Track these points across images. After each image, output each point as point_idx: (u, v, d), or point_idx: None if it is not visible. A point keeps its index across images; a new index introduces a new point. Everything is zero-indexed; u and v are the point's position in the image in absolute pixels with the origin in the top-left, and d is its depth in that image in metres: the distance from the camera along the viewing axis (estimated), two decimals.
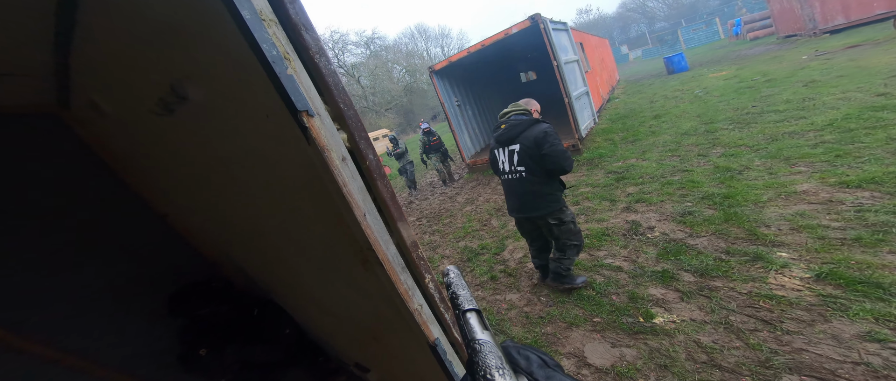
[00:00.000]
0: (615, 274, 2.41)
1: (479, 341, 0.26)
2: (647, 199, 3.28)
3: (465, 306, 0.30)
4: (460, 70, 7.23)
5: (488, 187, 5.68)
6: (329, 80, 0.45)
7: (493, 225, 4.08)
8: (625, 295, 2.19)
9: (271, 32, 0.42)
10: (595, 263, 2.61)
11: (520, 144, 2.02)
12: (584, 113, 6.02)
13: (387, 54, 35.06)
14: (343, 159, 0.46)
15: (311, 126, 0.41)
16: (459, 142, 7.03)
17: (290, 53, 0.44)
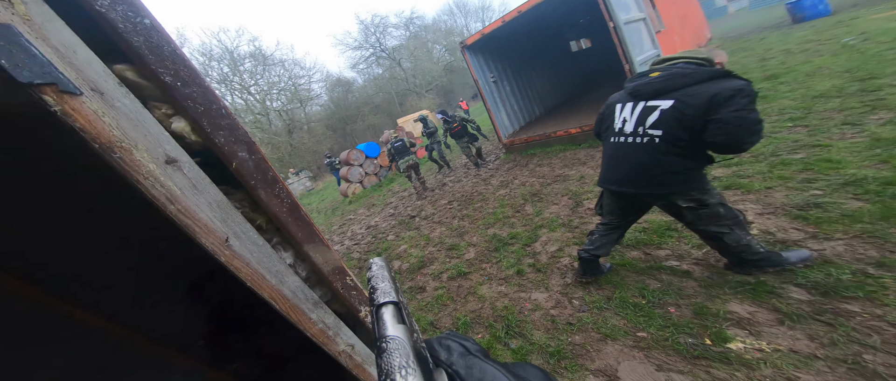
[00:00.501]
0: (679, 281, 1.92)
1: (386, 337, 0.23)
2: (743, 185, 2.50)
3: (379, 300, 0.27)
4: (496, 43, 6.56)
5: (526, 170, 5.21)
6: (138, 38, 0.28)
7: (526, 212, 3.72)
8: (689, 308, 1.73)
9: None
10: (651, 264, 2.12)
11: (674, 101, 1.47)
12: None
13: (426, 34, 34.31)
14: (170, 161, 0.30)
15: (71, 109, 0.25)
16: (495, 121, 6.54)
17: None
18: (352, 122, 27.00)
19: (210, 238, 0.32)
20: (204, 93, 0.32)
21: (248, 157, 0.35)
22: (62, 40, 0.26)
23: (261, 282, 0.36)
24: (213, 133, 0.32)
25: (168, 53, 0.30)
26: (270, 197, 0.37)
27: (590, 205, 3.21)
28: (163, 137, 0.30)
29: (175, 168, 0.30)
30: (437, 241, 3.97)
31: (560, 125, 5.97)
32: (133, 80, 0.29)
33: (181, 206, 0.30)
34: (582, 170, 4.20)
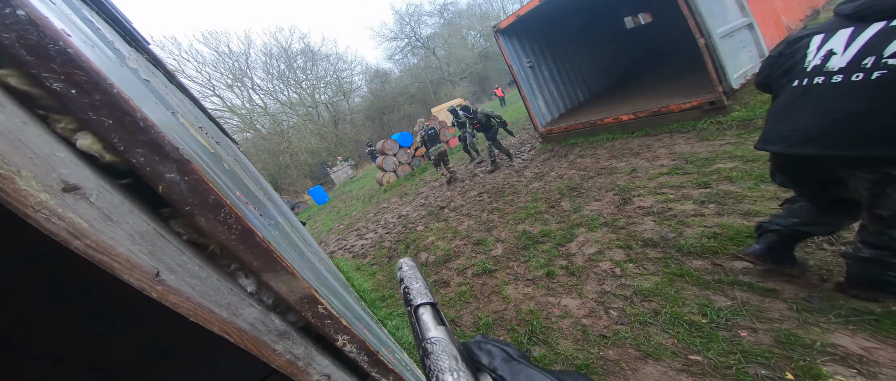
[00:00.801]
0: (761, 300, 1.56)
1: (430, 339, 0.24)
2: None
3: (417, 301, 0.28)
4: (533, 25, 6.00)
5: (564, 161, 4.78)
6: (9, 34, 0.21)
7: (562, 208, 3.41)
8: (769, 334, 1.40)
9: None
10: (721, 278, 1.76)
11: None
12: (739, 55, 4.06)
13: (460, 20, 33.25)
14: (69, 189, 0.24)
15: None
16: (531, 109, 6.08)
17: None
18: (388, 112, 27.85)
19: (135, 274, 0.27)
20: (111, 102, 0.26)
21: (179, 178, 0.29)
22: None
23: (208, 316, 0.32)
24: (128, 151, 0.27)
25: (56, 53, 0.24)
26: (213, 224, 0.31)
27: (641, 203, 2.79)
28: (57, 160, 0.25)
29: (78, 196, 0.25)
30: (464, 234, 3.89)
31: (609, 112, 5.31)
32: (20, 88, 0.24)
33: (91, 241, 0.25)
34: (634, 162, 3.67)
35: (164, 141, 0.29)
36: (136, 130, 0.28)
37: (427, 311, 0.27)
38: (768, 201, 2.13)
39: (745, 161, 2.69)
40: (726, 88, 3.73)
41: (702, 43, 3.67)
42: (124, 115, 0.27)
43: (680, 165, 3.12)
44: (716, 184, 2.57)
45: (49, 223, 0.23)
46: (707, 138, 3.43)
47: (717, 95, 3.71)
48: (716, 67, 3.69)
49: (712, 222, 2.18)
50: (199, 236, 0.32)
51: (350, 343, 0.43)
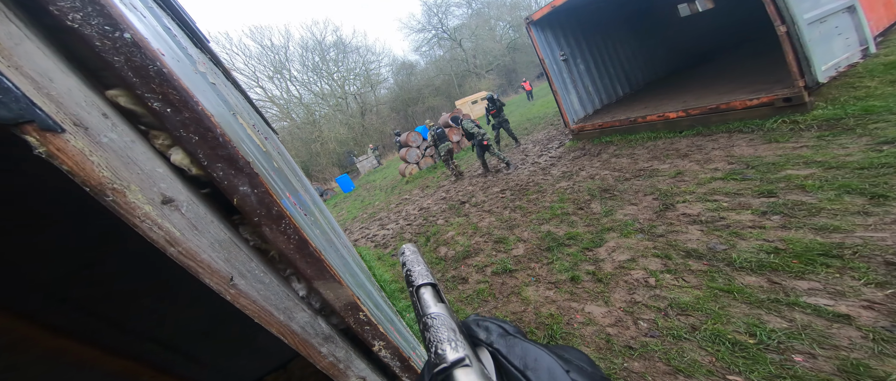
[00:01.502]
0: (827, 326, 1.39)
1: (430, 314, 0.26)
2: None
3: (418, 282, 0.30)
4: (570, 15, 5.65)
5: (597, 160, 4.52)
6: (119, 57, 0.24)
7: (592, 210, 3.24)
8: (830, 362, 1.25)
9: None
10: (778, 297, 1.59)
11: None
12: (832, 44, 3.50)
13: (489, 11, 32.17)
14: (167, 202, 0.27)
15: (56, 150, 0.21)
16: (563, 104, 5.79)
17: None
18: (413, 104, 28.07)
19: (213, 278, 0.30)
20: (198, 119, 0.28)
21: (250, 191, 0.31)
22: (36, 67, 0.24)
23: (268, 318, 0.34)
24: (210, 166, 0.29)
25: (154, 73, 0.26)
26: (276, 234, 0.33)
27: (687, 210, 2.55)
28: (156, 175, 0.28)
29: (172, 208, 0.28)
30: (484, 231, 3.86)
31: (652, 108, 4.89)
32: (127, 107, 0.27)
33: (182, 248, 0.28)
34: (680, 164, 3.35)
35: (238, 155, 0.31)
36: (216, 146, 0.30)
37: (427, 290, 0.28)
38: (852, 216, 1.84)
39: (825, 168, 2.33)
40: (809, 82, 3.24)
41: (783, 31, 3.17)
42: (207, 131, 0.30)
43: (739, 170, 2.80)
44: (784, 193, 2.27)
45: (151, 232, 0.26)
46: (776, 140, 3.03)
47: (796, 91, 3.23)
48: (798, 59, 3.21)
49: (775, 235, 1.94)
50: (262, 243, 0.35)
51: (385, 349, 0.45)
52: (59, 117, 0.23)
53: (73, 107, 0.24)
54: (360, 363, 0.44)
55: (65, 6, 0.24)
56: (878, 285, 1.44)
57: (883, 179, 2.00)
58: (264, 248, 0.35)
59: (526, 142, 7.57)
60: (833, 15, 3.47)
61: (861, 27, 3.75)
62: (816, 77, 3.21)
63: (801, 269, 1.66)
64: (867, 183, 2.02)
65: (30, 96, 0.22)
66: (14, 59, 0.23)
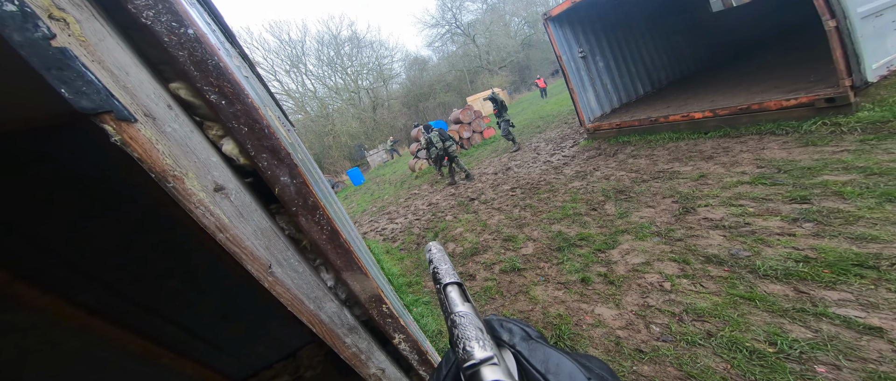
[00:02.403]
0: (857, 338, 1.33)
1: (458, 313, 0.26)
2: None
3: (445, 280, 0.31)
4: (589, 11, 5.46)
5: (612, 161, 4.41)
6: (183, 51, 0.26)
7: (606, 212, 3.17)
8: (856, 373, 1.21)
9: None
10: (804, 307, 1.52)
11: None
12: (886, 39, 3.22)
13: (504, 6, 31.55)
14: (219, 189, 0.29)
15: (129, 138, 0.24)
16: (579, 102, 5.66)
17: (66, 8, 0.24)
18: (425, 99, 28.04)
19: (255, 265, 0.32)
20: (247, 111, 0.30)
21: (290, 181, 0.33)
22: (115, 61, 0.26)
23: (300, 307, 0.36)
24: (256, 156, 0.31)
25: (212, 68, 0.28)
26: (310, 223, 0.35)
27: (709, 214, 2.46)
28: (211, 163, 0.30)
29: (223, 196, 0.30)
30: (494, 228, 3.85)
31: (676, 108, 4.70)
32: (186, 99, 0.29)
33: (229, 234, 0.30)
34: (703, 166, 3.22)
35: (281, 146, 0.33)
36: (262, 137, 0.32)
37: (454, 289, 0.29)
38: (893, 226, 1.74)
39: (867, 174, 2.19)
40: (857, 81, 3.02)
41: (832, 25, 2.93)
42: (255, 123, 0.31)
43: (769, 174, 2.66)
44: (818, 200, 2.15)
45: (204, 218, 0.28)
46: (813, 143, 2.85)
47: (841, 91, 3.01)
48: (847, 56, 2.97)
49: (805, 243, 1.85)
50: (296, 232, 0.37)
51: (405, 342, 0.46)
52: (132, 108, 0.25)
53: (144, 98, 0.26)
54: (379, 355, 0.46)
55: (140, 4, 0.26)
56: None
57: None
58: (298, 237, 0.37)
59: (538, 140, 7.44)
60: (891, 7, 3.16)
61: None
62: (866, 76, 2.97)
63: (833, 279, 1.58)
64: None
65: (109, 88, 0.24)
66: (97, 54, 0.25)
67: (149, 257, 1.73)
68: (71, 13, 0.25)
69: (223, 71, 0.29)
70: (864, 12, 2.95)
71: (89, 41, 0.25)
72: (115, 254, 1.64)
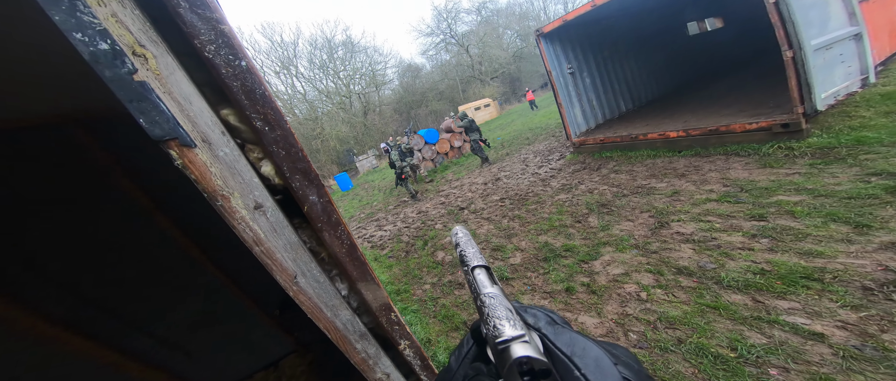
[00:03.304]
0: (802, 343, 1.48)
1: (487, 294, 0.27)
2: None
3: (472, 263, 0.31)
4: (579, 29, 5.79)
5: (596, 175, 4.61)
6: (235, 82, 0.29)
7: (589, 224, 3.31)
8: (802, 375, 1.35)
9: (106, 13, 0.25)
10: (761, 315, 1.68)
11: None
12: (834, 71, 3.56)
13: (498, 19, 32.72)
14: (258, 207, 0.32)
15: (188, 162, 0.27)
16: (566, 117, 5.91)
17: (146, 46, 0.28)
18: (416, 106, 28.23)
19: (283, 275, 0.35)
20: (286, 136, 0.34)
21: (318, 200, 0.36)
22: (182, 92, 0.30)
23: (319, 314, 0.39)
24: (291, 177, 0.35)
25: (259, 96, 0.32)
26: (333, 238, 0.38)
27: (681, 228, 2.64)
28: (253, 184, 0.33)
29: (260, 213, 0.33)
30: (482, 238, 3.91)
31: (654, 126, 5.01)
32: (234, 124, 0.32)
33: (264, 248, 0.33)
34: (677, 183, 3.45)
35: (311, 168, 0.36)
36: (297, 160, 0.36)
37: (482, 272, 0.30)
38: (836, 243, 1.95)
39: (815, 196, 2.43)
40: (808, 109, 3.32)
41: (789, 55, 3.23)
42: (291, 147, 0.35)
43: (733, 193, 2.89)
44: (774, 218, 2.36)
45: (244, 233, 0.32)
46: (770, 165, 3.13)
47: (795, 117, 3.31)
48: (800, 84, 3.27)
49: (762, 257, 2.03)
50: (317, 246, 0.40)
51: (409, 348, 0.50)
52: (193, 135, 0.28)
53: (203, 125, 0.30)
54: (386, 361, 0.49)
55: (205, 39, 0.30)
56: (853, 307, 1.54)
57: (868, 209, 2.10)
58: (317, 250, 0.40)
59: (527, 152, 7.67)
60: (839, 42, 3.50)
61: (864, 55, 3.77)
62: (816, 105, 3.27)
63: (784, 290, 1.75)
64: (853, 213, 2.12)
65: (176, 117, 0.27)
66: (168, 86, 0.29)
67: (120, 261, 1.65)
68: (149, 49, 0.28)
69: (268, 99, 0.33)
70: (817, 45, 3.25)
71: (162, 74, 0.28)
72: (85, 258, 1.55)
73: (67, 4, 0.24)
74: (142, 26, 0.30)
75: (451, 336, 2.49)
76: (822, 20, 3.39)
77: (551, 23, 5.34)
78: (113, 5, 0.28)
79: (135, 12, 0.29)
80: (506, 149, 8.93)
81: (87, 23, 0.25)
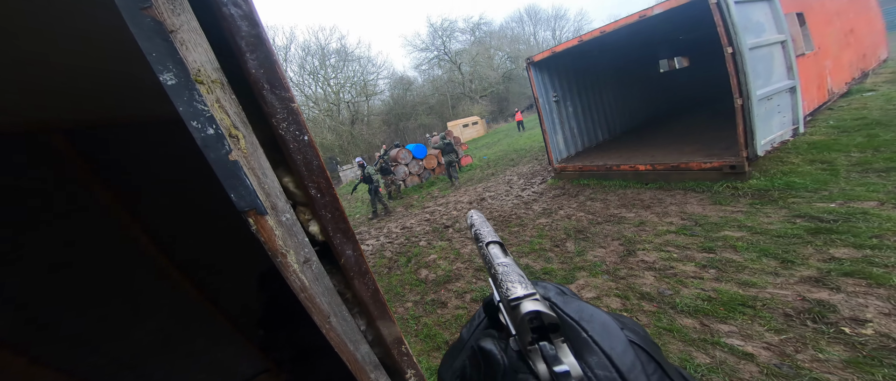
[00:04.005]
0: (737, 362, 1.70)
1: (501, 263, 0.29)
2: (874, 275, 1.99)
3: (487, 240, 0.34)
4: (566, 60, 6.29)
5: (574, 201, 4.89)
6: (299, 155, 0.37)
7: (567, 249, 3.50)
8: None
9: (212, 100, 0.30)
10: (707, 337, 1.90)
11: None
12: (772, 121, 4.04)
13: (490, 40, 34.51)
14: (306, 261, 0.39)
15: (261, 227, 0.34)
16: (549, 143, 6.28)
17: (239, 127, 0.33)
18: (406, 119, 28.50)
19: (319, 316, 0.41)
20: (333, 201, 0.41)
21: (352, 254, 0.43)
22: (260, 165, 0.36)
23: (343, 348, 0.45)
24: (333, 235, 0.42)
25: (315, 168, 0.39)
26: (361, 285, 0.45)
27: (645, 257, 2.90)
28: (304, 242, 0.40)
29: (307, 266, 0.40)
30: (466, 257, 3.99)
31: (626, 158, 5.44)
32: (292, 190, 0.39)
33: (307, 294, 0.39)
34: (643, 215, 3.77)
35: (349, 227, 0.44)
36: (339, 221, 0.43)
37: (496, 246, 0.33)
38: (766, 275, 2.26)
39: (752, 233, 2.79)
40: (751, 153, 3.74)
41: (739, 104, 3.58)
42: (336, 209, 0.42)
43: (689, 226, 3.21)
44: (720, 250, 2.67)
45: (294, 283, 0.38)
46: (720, 202, 3.51)
47: (740, 160, 3.72)
48: (746, 131, 3.64)
49: (710, 286, 2.29)
50: (344, 289, 0.46)
51: (415, 377, 0.56)
52: (267, 204, 0.35)
53: (273, 195, 0.36)
54: None
55: (279, 117, 0.37)
56: (777, 331, 1.81)
57: (793, 247, 2.45)
58: (343, 291, 0.47)
59: (511, 173, 7.97)
60: (778, 94, 4.02)
61: (797, 107, 4.28)
62: (757, 150, 3.72)
63: (725, 315, 2.00)
64: (780, 249, 2.46)
65: (256, 190, 0.34)
66: (251, 163, 0.35)
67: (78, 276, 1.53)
68: (241, 130, 0.34)
69: (322, 170, 0.41)
70: (761, 95, 3.71)
71: (247, 152, 0.34)
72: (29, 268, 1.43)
73: (187, 95, 0.30)
74: (237, 110, 0.35)
75: (432, 356, 2.49)
76: (767, 73, 3.89)
77: (542, 53, 5.77)
78: (217, 92, 0.33)
79: (232, 97, 0.34)
80: (491, 168, 9.22)
81: (199, 111, 0.31)
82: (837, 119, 4.94)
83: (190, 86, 0.31)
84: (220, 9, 0.31)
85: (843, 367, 1.51)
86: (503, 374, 0.24)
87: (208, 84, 0.33)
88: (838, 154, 3.73)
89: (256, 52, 0.34)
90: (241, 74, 0.35)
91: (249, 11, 0.32)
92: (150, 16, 0.28)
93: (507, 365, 0.24)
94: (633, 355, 0.22)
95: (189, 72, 0.31)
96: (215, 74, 0.34)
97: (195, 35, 0.31)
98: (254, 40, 0.33)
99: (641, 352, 0.23)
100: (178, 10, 0.30)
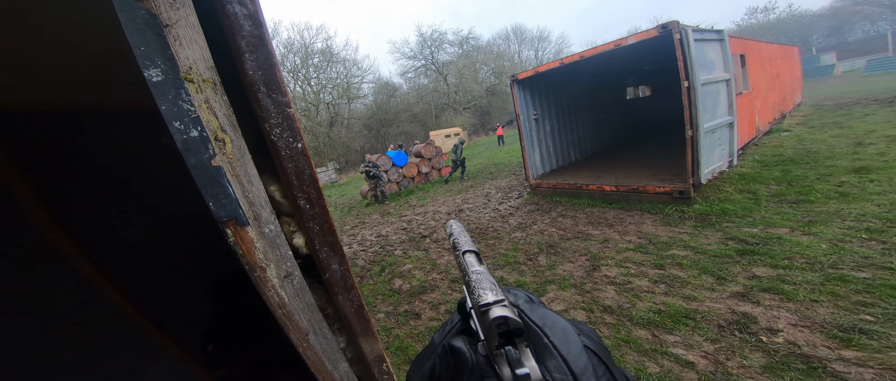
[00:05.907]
0: (680, 370, 1.87)
1: (475, 271, 0.30)
2: (785, 291, 2.33)
3: (463, 248, 0.35)
4: (547, 80, 6.68)
5: (547, 217, 5.10)
6: (290, 163, 0.34)
7: (539, 263, 3.62)
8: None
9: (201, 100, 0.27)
10: (657, 347, 2.06)
11: None
12: (715, 152, 4.52)
13: (477, 54, 35.76)
14: (287, 276, 0.37)
15: (240, 239, 0.31)
16: (527, 159, 6.55)
17: (227, 130, 0.30)
18: (388, 125, 28.22)
19: (297, 334, 0.38)
20: (322, 213, 0.39)
21: (338, 269, 0.41)
22: (245, 172, 0.33)
23: (321, 368, 0.42)
24: (319, 249, 0.39)
25: (307, 177, 0.37)
26: (345, 300, 0.43)
27: (608, 272, 3.09)
28: (286, 256, 0.37)
29: (288, 281, 0.37)
30: (442, 268, 3.96)
31: (594, 178, 5.83)
32: (278, 199, 0.37)
33: (286, 311, 0.36)
34: (607, 232, 4.04)
35: (337, 240, 0.42)
36: (327, 234, 0.41)
37: (471, 255, 0.34)
38: (705, 290, 2.53)
39: (695, 252, 3.12)
40: (696, 181, 4.20)
41: (689, 135, 3.99)
42: (325, 222, 0.40)
43: (644, 245, 3.51)
44: (669, 267, 2.94)
45: (272, 298, 0.35)
46: (670, 224, 3.88)
47: (687, 186, 4.20)
48: (693, 160, 4.07)
49: (660, 300, 2.51)
50: (326, 305, 0.44)
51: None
52: (249, 214, 0.31)
53: (257, 205, 0.33)
54: None
55: (273, 123, 0.34)
56: (712, 341, 2.03)
57: (726, 266, 2.77)
58: (323, 307, 0.44)
59: (490, 186, 8.15)
60: (721, 128, 4.56)
61: (733, 141, 4.76)
62: (700, 178, 4.20)
63: (672, 326, 2.21)
64: (716, 267, 2.79)
65: (238, 199, 0.30)
66: (236, 169, 0.32)
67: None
68: (228, 133, 0.30)
69: (313, 179, 0.38)
70: (707, 128, 4.19)
71: (234, 158, 0.31)
72: None
73: (173, 93, 0.27)
74: (227, 112, 0.32)
75: (403, 370, 2.40)
76: (714, 107, 4.40)
77: (526, 71, 6.06)
78: (208, 92, 0.30)
79: (223, 98, 0.32)
80: (471, 181, 9.37)
81: (185, 111, 0.28)
82: (761, 154, 5.77)
83: (177, 84, 0.29)
84: (224, 6, 0.29)
85: (762, 372, 1.72)
86: (470, 372, 0.25)
87: (198, 83, 0.31)
88: (760, 186, 4.34)
89: (257, 53, 0.32)
90: (237, 75, 0.33)
91: (255, 11, 0.31)
92: (145, 8, 0.26)
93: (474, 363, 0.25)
94: (586, 358, 0.24)
95: (179, 69, 0.29)
96: (208, 72, 0.32)
97: (192, 31, 0.29)
98: (255, 41, 0.31)
99: (593, 356, 0.26)
100: (177, 5, 0.28)
